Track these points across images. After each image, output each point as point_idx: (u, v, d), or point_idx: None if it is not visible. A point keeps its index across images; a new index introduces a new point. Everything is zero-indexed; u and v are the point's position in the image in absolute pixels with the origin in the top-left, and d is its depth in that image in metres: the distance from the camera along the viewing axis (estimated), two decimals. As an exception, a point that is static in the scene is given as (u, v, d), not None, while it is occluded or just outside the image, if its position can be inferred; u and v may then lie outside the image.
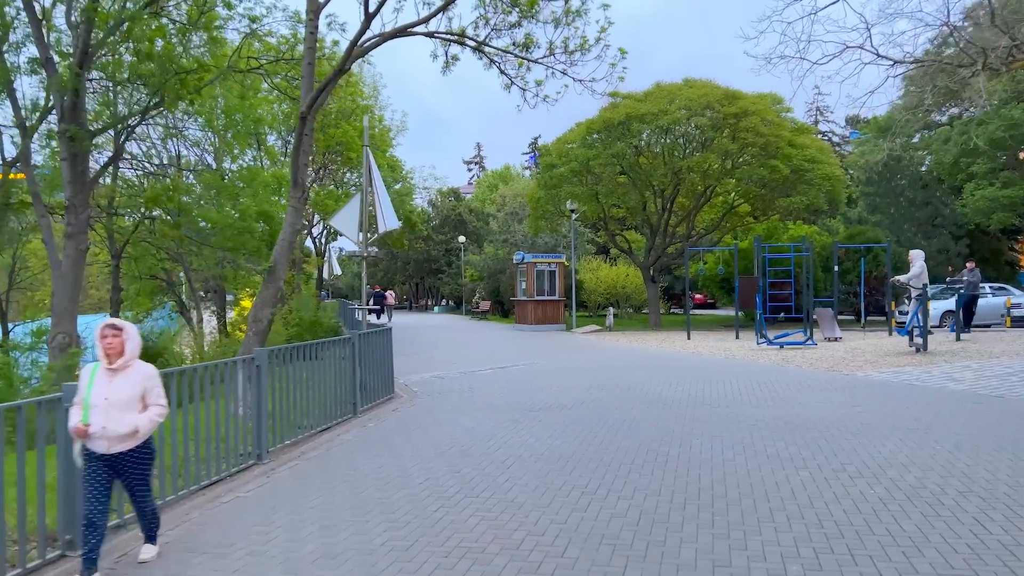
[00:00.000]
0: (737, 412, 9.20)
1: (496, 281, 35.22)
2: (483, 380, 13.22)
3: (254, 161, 19.70)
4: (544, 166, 26.29)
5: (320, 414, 8.94)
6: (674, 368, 14.24)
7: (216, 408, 7.29)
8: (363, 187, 12.03)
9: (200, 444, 7.01)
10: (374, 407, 10.49)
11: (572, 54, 10.52)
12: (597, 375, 13.29)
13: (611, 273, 33.91)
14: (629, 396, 10.74)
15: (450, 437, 8.18)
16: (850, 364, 13.96)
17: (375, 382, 10.88)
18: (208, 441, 6.96)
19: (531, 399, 10.76)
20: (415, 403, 10.85)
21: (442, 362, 16.64)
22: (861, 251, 23.86)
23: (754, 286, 20.25)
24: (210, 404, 7.77)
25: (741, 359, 15.62)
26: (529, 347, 20.16)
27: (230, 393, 7.36)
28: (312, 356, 8.85)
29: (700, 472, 6.44)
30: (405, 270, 48.84)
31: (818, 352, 16.38)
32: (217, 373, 7.11)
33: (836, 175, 23.56)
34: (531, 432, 8.33)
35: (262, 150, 20.58)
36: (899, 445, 7.19)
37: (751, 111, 22.96)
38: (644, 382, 12.16)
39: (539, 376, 13.50)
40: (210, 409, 7.60)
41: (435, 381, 13.28)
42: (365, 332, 10.66)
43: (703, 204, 27.12)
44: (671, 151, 25.47)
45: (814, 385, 11.34)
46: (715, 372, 13.31)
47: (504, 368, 15.07)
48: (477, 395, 11.43)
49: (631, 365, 14.90)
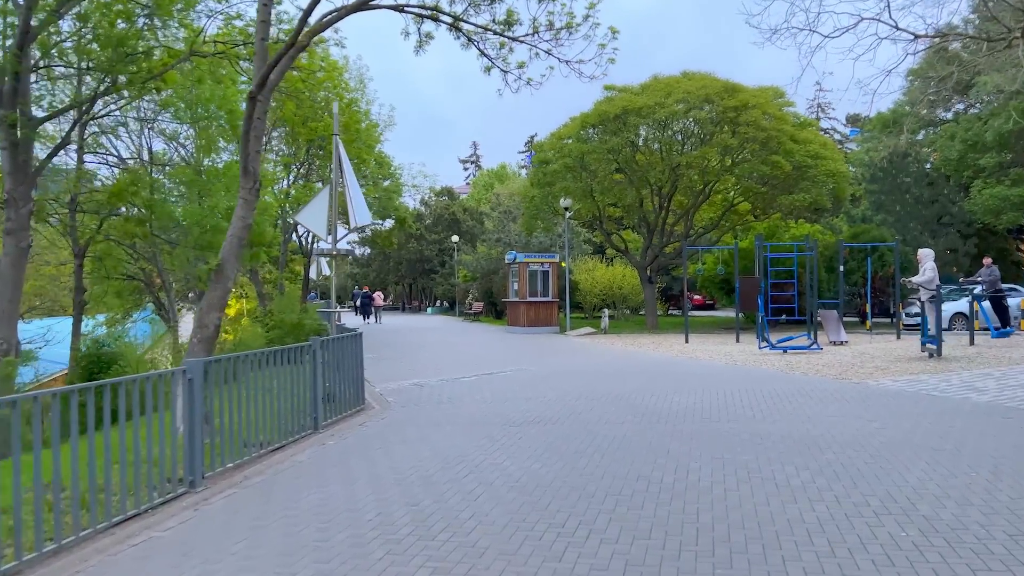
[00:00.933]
0: (740, 428, 8.25)
1: (489, 282, 34.28)
2: (465, 388, 12.27)
3: (235, 156, 18.72)
4: (538, 162, 25.35)
5: (274, 430, 7.99)
6: (671, 375, 13.29)
7: (160, 426, 6.39)
8: (332, 180, 11.07)
9: (127, 469, 6.08)
10: (340, 421, 9.54)
11: (558, 33, 9.57)
12: (588, 383, 12.35)
13: (607, 273, 32.97)
14: (621, 408, 9.79)
15: (415, 459, 7.22)
16: (859, 371, 13.01)
17: (342, 392, 9.94)
18: (137, 466, 6.02)
19: (514, 411, 9.81)
20: (386, 416, 9.89)
21: (425, 368, 15.69)
22: (867, 250, 22.94)
23: (755, 287, 19.32)
24: (152, 422, 6.88)
25: (742, 365, 14.67)
26: (519, 351, 19.21)
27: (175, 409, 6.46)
28: (264, 365, 7.90)
29: (698, 506, 5.48)
30: (397, 270, 47.85)
31: (824, 357, 15.44)
32: (149, 385, 6.17)
33: (841, 171, 22.63)
34: (508, 452, 7.38)
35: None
36: (927, 471, 6.24)
37: (752, 104, 22.02)
38: (638, 391, 11.21)
39: (526, 384, 12.55)
40: (152, 428, 6.71)
41: (413, 390, 12.33)
42: (328, 338, 9.70)
43: (702, 202, 26.19)
44: (669, 147, 24.52)
45: (823, 395, 10.39)
46: (715, 380, 12.36)
47: (490, 374, 14.12)
48: (456, 406, 10.48)
49: (625, 371, 13.96)
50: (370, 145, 28.27)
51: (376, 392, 12.18)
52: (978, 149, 25.91)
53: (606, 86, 24.27)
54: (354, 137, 21.98)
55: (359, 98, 24.53)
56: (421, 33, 9.45)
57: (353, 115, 22.47)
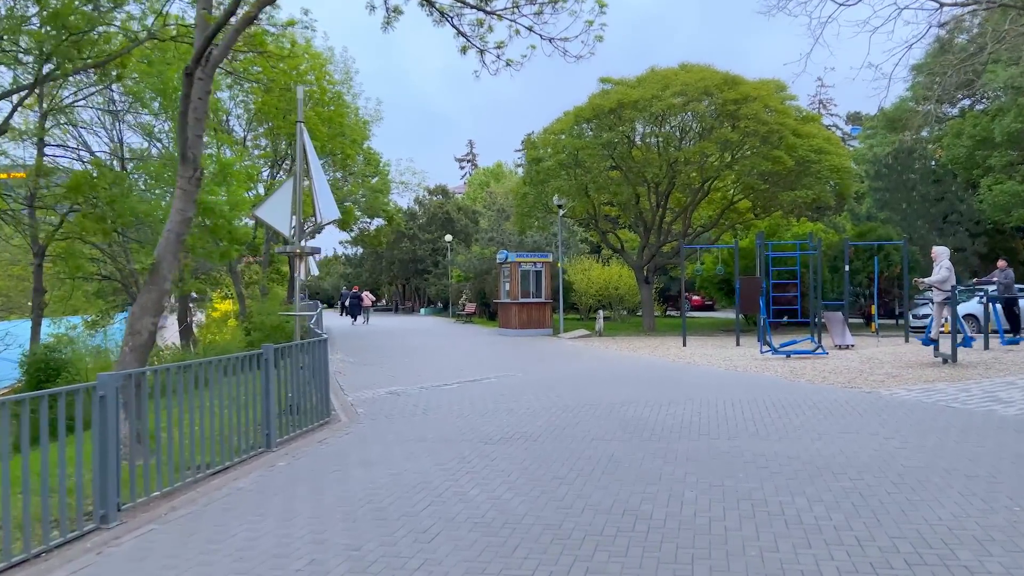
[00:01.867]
0: (741, 447, 7.34)
1: (482, 282, 33.36)
2: (444, 398, 11.35)
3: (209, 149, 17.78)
4: (530, 159, 24.43)
5: (216, 451, 7.08)
6: (666, 382, 12.37)
7: (83, 449, 5.52)
8: (295, 172, 10.15)
9: (33, 500, 5.20)
10: (299, 436, 8.62)
11: (541, 8, 8.66)
12: (577, 391, 11.43)
13: (603, 274, 32.05)
14: (610, 421, 8.88)
15: (370, 486, 6.31)
16: (870, 378, 12.10)
17: (303, 405, 9.04)
18: (45, 496, 5.13)
19: (493, 425, 8.90)
20: (350, 431, 8.98)
21: (406, 374, 14.78)
22: (873, 249, 22.08)
23: (757, 287, 18.41)
24: (83, 442, 6.02)
25: (743, 371, 13.76)
26: (509, 355, 18.30)
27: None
28: (207, 376, 6.99)
29: (693, 552, 4.57)
30: (390, 270, 46.86)
31: (830, 362, 14.53)
32: (62, 402, 5.27)
33: (845, 167, 21.71)
34: (478, 477, 6.47)
35: (217, 137, 18.70)
36: (962, 503, 5.33)
37: (753, 97, 21.11)
38: (630, 401, 10.29)
39: (510, 392, 11.63)
40: (73, 450, 5.88)
41: (388, 400, 11.42)
42: (288, 345, 8.79)
43: (700, 200, 25.27)
44: (666, 142, 23.60)
45: (833, 407, 9.48)
46: (714, 388, 11.45)
47: (474, 382, 13.21)
48: (430, 419, 9.57)
49: (618, 377, 13.04)
50: (357, 140, 27.36)
51: (348, 402, 11.28)
52: (987, 146, 24.99)
53: (602, 78, 23.37)
54: (338, 132, 21.06)
55: (343, 91, 23.58)
56: (389, 7, 8.53)
57: (338, 108, 21.56)
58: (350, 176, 24.82)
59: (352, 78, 24.25)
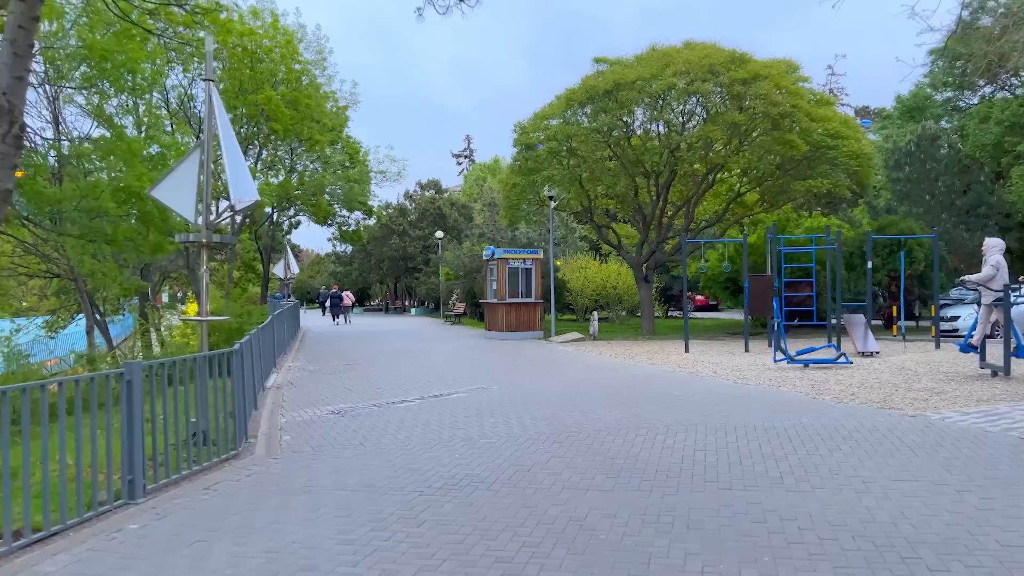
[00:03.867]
0: (763, 503, 5.37)
1: (472, 281, 31.37)
2: (396, 420, 9.39)
3: (137, 128, 15.82)
4: (519, 145, 22.42)
5: (43, 508, 5.12)
6: (665, 399, 10.37)
7: None
8: (203, 141, 8.17)
9: None
10: (188, 478, 6.68)
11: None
12: (557, 412, 9.46)
13: (601, 272, 30.03)
14: (591, 459, 6.91)
15: (229, 574, 4.34)
16: (908, 395, 10.10)
17: (202, 437, 7.09)
18: None
19: (438, 464, 6.94)
20: (255, 471, 7.01)
21: (365, 386, 12.82)
22: (895, 244, 20.10)
23: (768, 286, 16.40)
24: None
25: (756, 385, 11.76)
26: (489, 362, 16.32)
27: None
28: (19, 409, 5.04)
29: None
30: (379, 269, 44.83)
31: (856, 374, 12.53)
32: None
33: (865, 152, 19.64)
34: (385, 560, 4.49)
35: (144, 112, 16.73)
36: None
37: (763, 76, 19.10)
38: (619, 428, 8.31)
39: (477, 413, 9.66)
40: None
41: (328, 422, 9.45)
42: (175, 361, 6.83)
43: (704, 192, 23.24)
44: (668, 127, 21.58)
45: (873, 438, 7.49)
46: (722, 408, 9.46)
47: (439, 397, 11.24)
48: (364, 453, 7.60)
49: (608, 392, 11.06)
50: (333, 127, 25.36)
51: (279, 426, 9.32)
52: (1016, 132, 22.96)
53: (597, 58, 21.36)
54: (304, 115, 19.08)
55: (317, 74, 21.54)
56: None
57: (305, 89, 19.57)
58: (325, 166, 22.85)
59: (326, 59, 22.28)
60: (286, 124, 18.09)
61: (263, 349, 13.85)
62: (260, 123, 18.55)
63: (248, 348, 9.29)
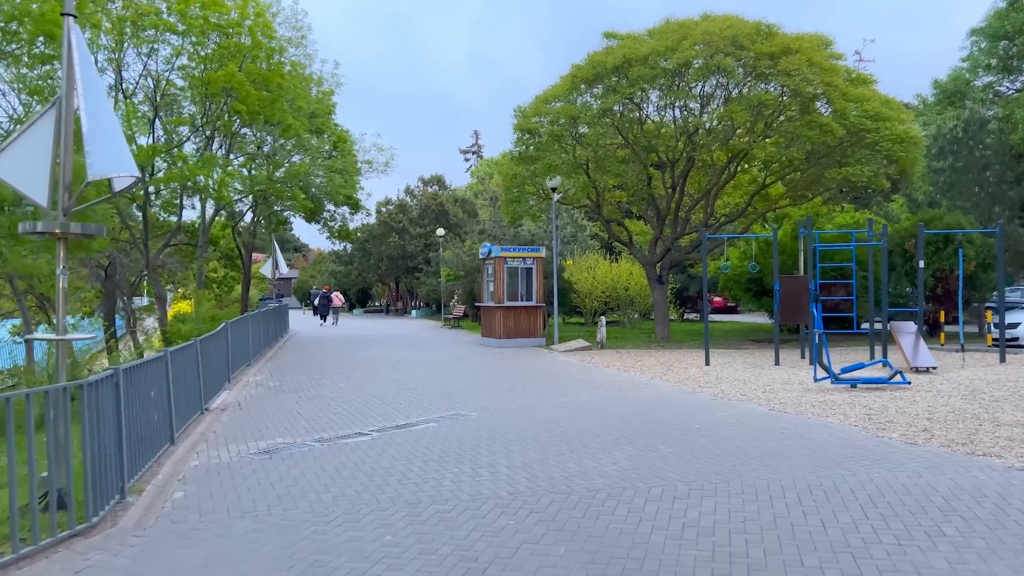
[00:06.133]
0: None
1: (473, 281, 29.17)
2: (333, 466, 7.22)
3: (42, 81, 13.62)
4: (520, 131, 20.18)
5: None
6: (684, 437, 8.13)
7: None
8: (60, 97, 6.03)
9: None
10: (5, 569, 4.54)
11: None
12: (544, 457, 7.26)
13: (611, 272, 27.73)
14: (580, 546, 4.70)
15: None
16: (1000, 435, 7.80)
17: (56, 499, 4.97)
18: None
19: (357, 553, 4.77)
20: (82, 570, 4.84)
21: (320, 410, 10.65)
22: (948, 240, 17.76)
23: (802, 289, 14.12)
24: None
25: (796, 414, 9.48)
26: (478, 377, 14.12)
27: None
28: None
29: None
30: (378, 268, 42.63)
31: (919, 398, 10.23)
32: None
33: (911, 135, 17.21)
34: None
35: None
36: None
37: (794, 50, 16.77)
38: (623, 486, 6.11)
39: (440, 457, 7.48)
40: None
41: (247, 467, 7.29)
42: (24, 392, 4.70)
43: (725, 183, 20.89)
44: (686, 111, 19.28)
45: (988, 512, 5.24)
46: (760, 454, 7.21)
47: (404, 428, 9.08)
48: (264, 528, 5.43)
49: (613, 424, 8.84)
50: (322, 117, 23.24)
51: (183, 473, 7.16)
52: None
53: (606, 33, 19.04)
54: (276, 96, 16.92)
55: (295, 54, 19.36)
56: None
57: (278, 68, 17.41)
58: (304, 153, 20.72)
59: (305, 36, 20.13)
60: (252, 106, 16.00)
61: (209, 363, 11.77)
62: (223, 104, 16.42)
63: (143, 373, 7.16)
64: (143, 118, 16.32)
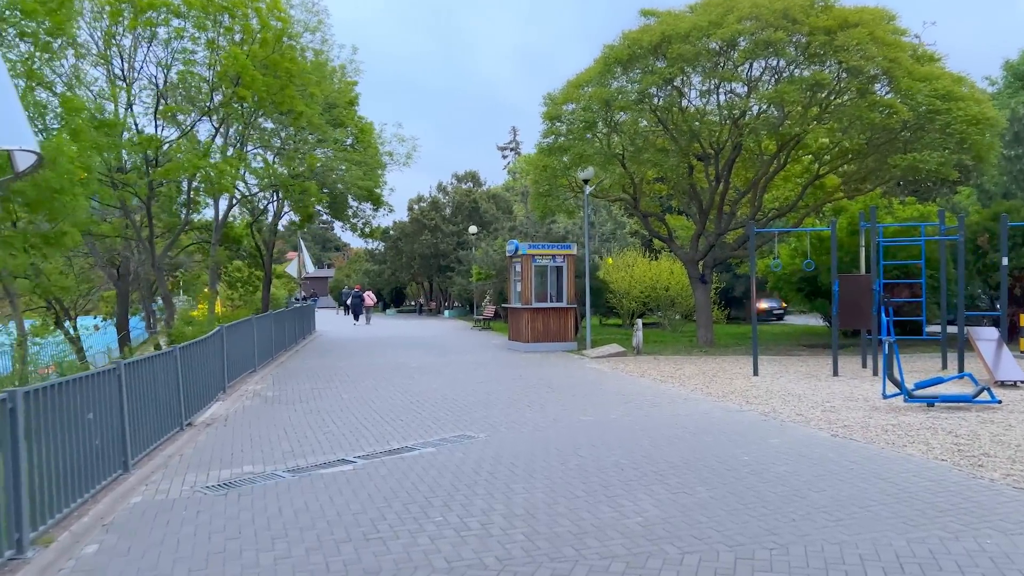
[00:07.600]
0: None
1: (503, 280, 27.79)
2: (293, 509, 5.92)
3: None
4: (549, 119, 18.74)
5: None
6: (729, 476, 6.61)
7: None
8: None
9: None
10: None
11: None
12: (553, 498, 5.85)
13: (650, 270, 26.05)
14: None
15: None
16: None
17: None
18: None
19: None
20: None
21: (309, 428, 9.40)
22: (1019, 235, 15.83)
23: (864, 291, 12.41)
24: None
25: (865, 441, 7.87)
26: (496, 387, 12.73)
27: None
28: None
29: None
30: (410, 267, 41.52)
31: (1015, 421, 8.53)
32: None
33: (988, 117, 15.25)
34: None
35: None
36: None
37: (853, 23, 15.01)
38: (645, 552, 4.67)
39: (426, 499, 6.12)
40: None
41: (192, 507, 6.04)
42: None
43: (775, 173, 19.11)
44: (731, 94, 17.59)
45: None
46: (827, 504, 5.67)
47: (395, 455, 7.76)
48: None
49: (641, 454, 7.36)
50: (342, 106, 22.10)
51: (113, 515, 5.94)
52: None
53: (644, 11, 17.46)
54: (285, 81, 15.76)
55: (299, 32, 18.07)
56: None
57: (287, 52, 16.24)
58: (318, 144, 19.58)
59: (322, 21, 19.00)
60: (259, 91, 14.91)
61: (197, 371, 10.62)
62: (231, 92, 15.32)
63: (69, 393, 5.96)
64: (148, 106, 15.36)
